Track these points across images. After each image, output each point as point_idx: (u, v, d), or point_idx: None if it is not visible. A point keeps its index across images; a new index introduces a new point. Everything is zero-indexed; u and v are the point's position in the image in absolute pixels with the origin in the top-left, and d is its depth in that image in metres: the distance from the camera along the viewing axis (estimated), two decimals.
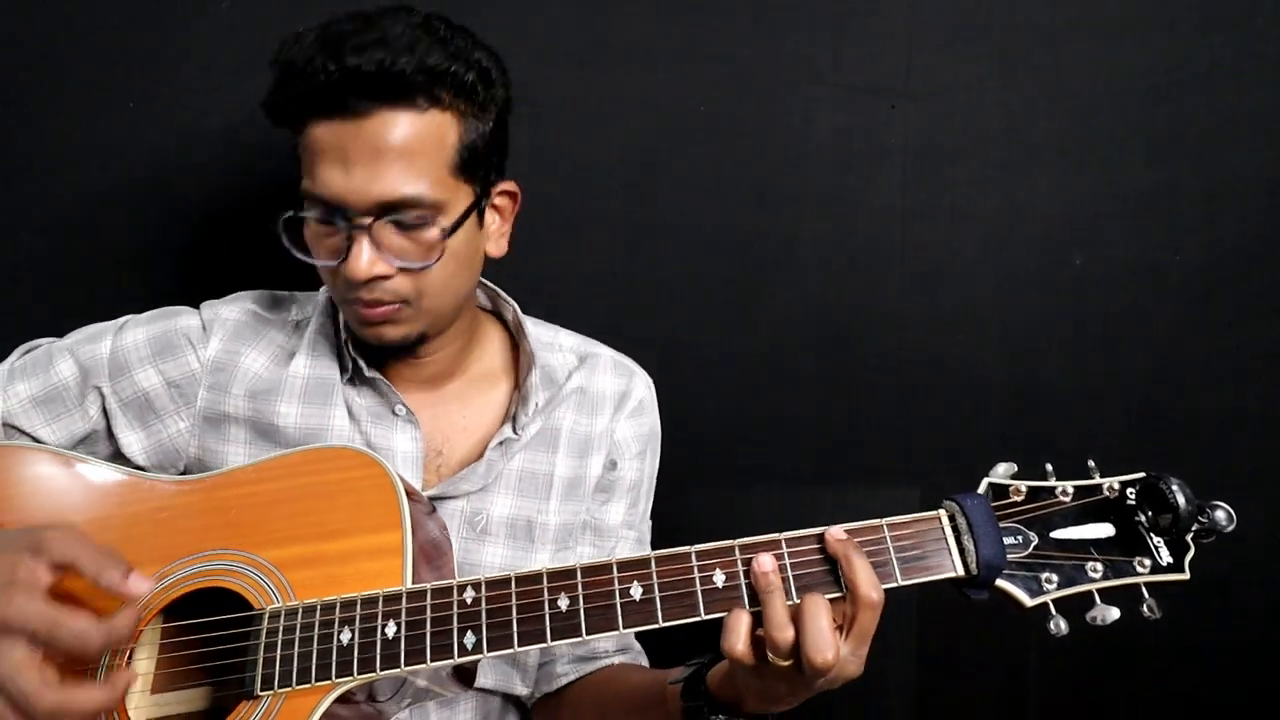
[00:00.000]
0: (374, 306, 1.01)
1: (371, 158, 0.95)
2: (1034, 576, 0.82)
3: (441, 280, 1.03)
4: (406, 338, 1.05)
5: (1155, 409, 1.50)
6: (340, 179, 0.95)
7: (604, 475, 1.19)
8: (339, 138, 0.95)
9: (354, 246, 0.97)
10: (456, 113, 0.99)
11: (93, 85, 1.36)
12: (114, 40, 1.36)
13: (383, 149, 0.95)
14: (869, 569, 0.81)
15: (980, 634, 1.50)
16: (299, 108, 0.96)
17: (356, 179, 0.95)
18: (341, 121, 0.94)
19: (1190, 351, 1.49)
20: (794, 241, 1.47)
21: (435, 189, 0.98)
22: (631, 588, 0.84)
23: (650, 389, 1.25)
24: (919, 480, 1.51)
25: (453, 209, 1.01)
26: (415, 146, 0.96)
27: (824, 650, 0.77)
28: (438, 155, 0.98)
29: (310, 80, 0.93)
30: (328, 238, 1.00)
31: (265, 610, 0.88)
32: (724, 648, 0.81)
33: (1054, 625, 0.81)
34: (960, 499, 0.84)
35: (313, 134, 0.96)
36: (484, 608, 0.84)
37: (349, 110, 0.94)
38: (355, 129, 0.94)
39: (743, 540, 0.85)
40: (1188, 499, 0.81)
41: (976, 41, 1.45)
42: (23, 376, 1.09)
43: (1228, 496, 1.50)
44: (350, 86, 0.93)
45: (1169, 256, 1.48)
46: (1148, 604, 0.81)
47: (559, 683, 1.16)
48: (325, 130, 0.95)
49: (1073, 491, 0.85)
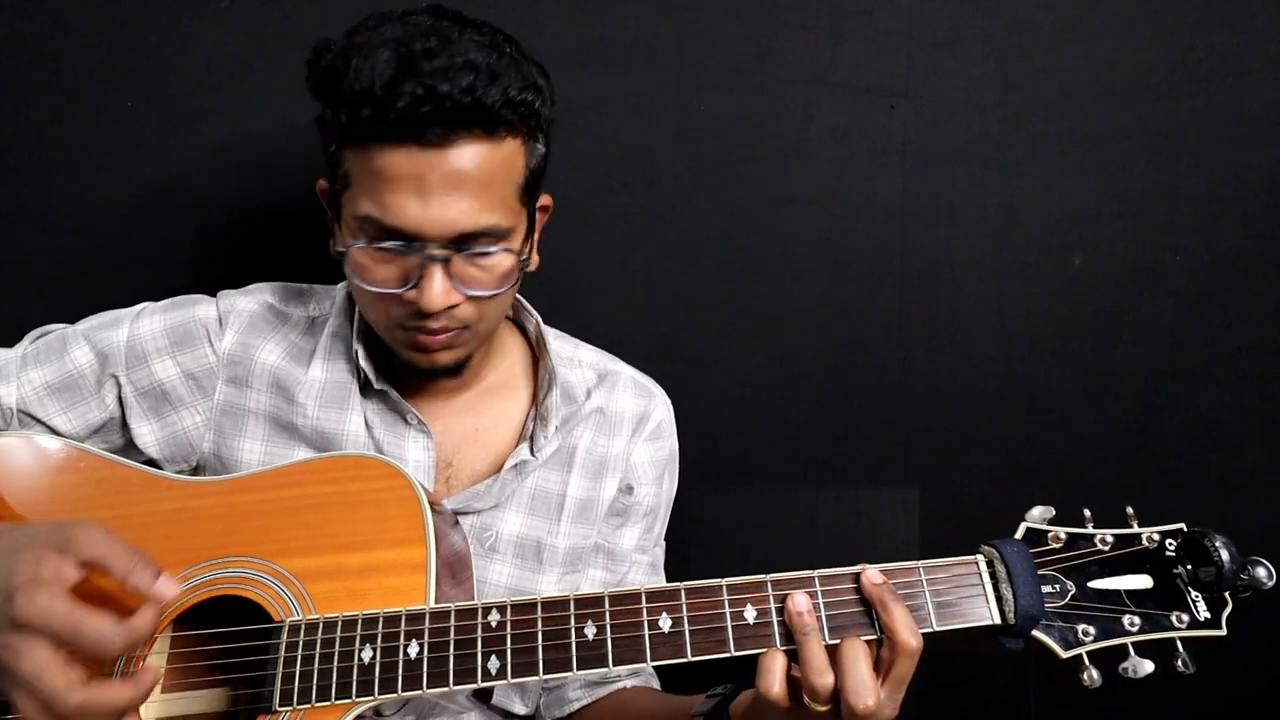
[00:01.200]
0: (437, 334, 0.98)
1: (451, 188, 0.91)
2: (1070, 627, 0.81)
3: (502, 305, 1.02)
4: (458, 361, 1.04)
5: (1154, 409, 1.51)
6: (417, 209, 0.91)
7: (618, 499, 1.16)
8: (416, 166, 0.89)
9: (427, 278, 0.93)
10: (524, 139, 0.96)
11: (92, 85, 1.35)
12: (114, 40, 1.35)
13: (462, 180, 0.91)
14: (908, 616, 0.79)
15: (979, 635, 1.50)
16: (370, 131, 0.89)
17: (434, 209, 0.91)
18: (420, 150, 0.89)
19: (1189, 351, 1.50)
20: (794, 241, 1.47)
21: (507, 217, 0.95)
22: (660, 619, 0.83)
23: (669, 410, 1.22)
24: (919, 480, 1.51)
25: (518, 233, 0.98)
26: (492, 177, 0.93)
27: (865, 697, 0.77)
28: (509, 183, 0.95)
29: (389, 105, 0.87)
30: (388, 264, 0.95)
31: (285, 623, 0.86)
32: (760, 689, 0.80)
33: (1087, 677, 0.80)
34: (1000, 545, 0.83)
35: (381, 159, 0.90)
36: (509, 632, 0.83)
37: (430, 139, 0.89)
38: (435, 159, 0.89)
39: (775, 576, 0.84)
40: (1232, 557, 0.79)
41: (976, 41, 1.45)
42: (36, 363, 1.05)
43: (1226, 496, 1.51)
44: (437, 116, 0.88)
45: (1168, 257, 1.49)
46: (1182, 658, 0.80)
47: (570, 708, 1.14)
48: (400, 157, 0.89)
49: (1112, 541, 0.84)
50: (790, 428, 1.50)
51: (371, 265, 0.95)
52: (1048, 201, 1.47)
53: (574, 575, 1.14)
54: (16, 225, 1.36)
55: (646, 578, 1.19)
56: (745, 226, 1.47)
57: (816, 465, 1.51)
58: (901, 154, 1.46)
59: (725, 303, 1.48)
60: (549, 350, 1.13)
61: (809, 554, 1.51)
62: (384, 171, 0.90)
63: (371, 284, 0.96)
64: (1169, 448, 1.51)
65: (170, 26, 1.35)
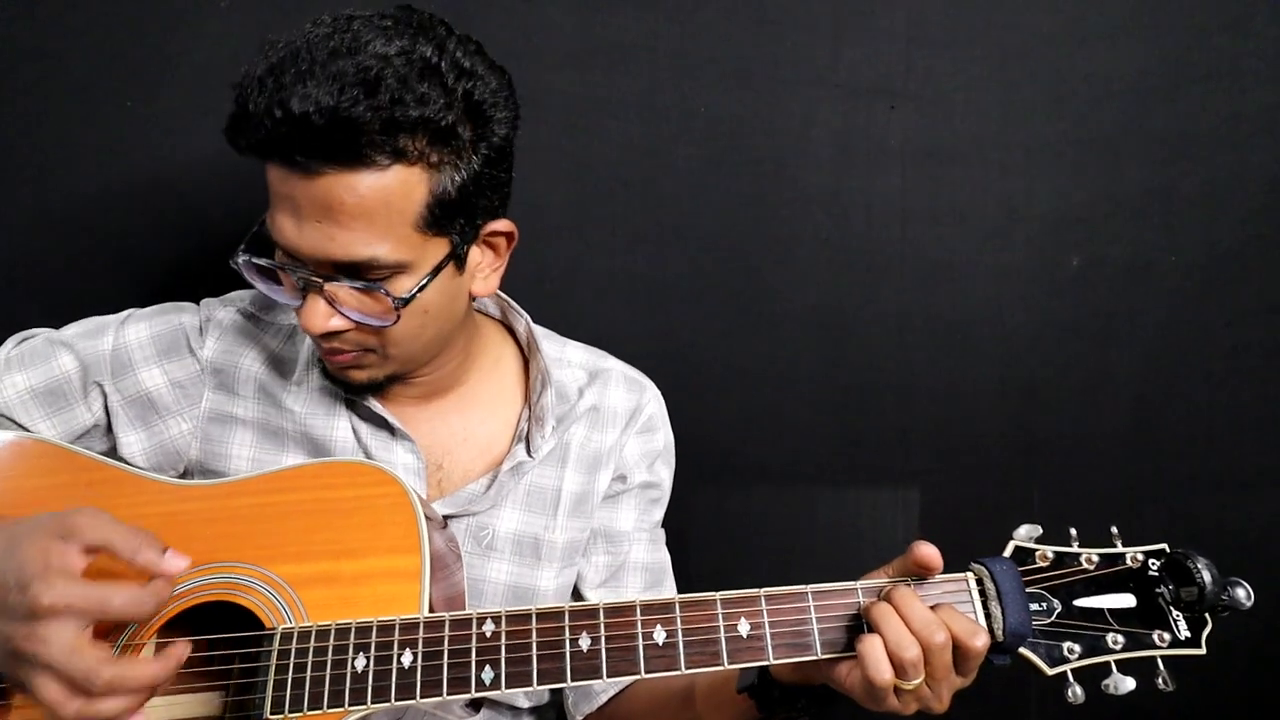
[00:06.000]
0: (335, 354, 0.97)
1: (322, 216, 0.86)
2: (1056, 645, 0.83)
3: (409, 332, 0.96)
4: (373, 379, 1.01)
5: (1152, 408, 1.51)
6: (292, 231, 0.88)
7: (612, 487, 1.17)
8: (289, 188, 0.86)
9: (307, 300, 0.91)
10: (427, 165, 0.88)
11: (91, 85, 1.35)
12: (113, 40, 1.35)
13: (335, 209, 0.85)
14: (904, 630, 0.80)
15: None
16: (249, 147, 0.86)
17: (308, 236, 0.87)
18: (289, 172, 0.85)
19: (1187, 351, 1.50)
20: (794, 241, 1.47)
21: (397, 250, 0.89)
22: (655, 631, 0.83)
23: (660, 402, 1.22)
24: (919, 480, 1.51)
25: (420, 266, 0.92)
26: (373, 208, 0.86)
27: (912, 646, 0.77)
28: (401, 214, 0.88)
29: (256, 126, 0.83)
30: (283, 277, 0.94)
31: (278, 630, 0.86)
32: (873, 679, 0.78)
33: (1071, 693, 0.82)
34: (989, 563, 0.84)
35: (269, 172, 0.88)
36: (503, 642, 0.83)
37: (296, 165, 0.84)
38: (305, 185, 0.85)
39: (768, 590, 0.84)
40: (1214, 578, 0.81)
41: (976, 41, 1.45)
42: (20, 367, 1.04)
43: (1225, 496, 1.51)
44: (296, 143, 0.82)
45: (1166, 257, 1.49)
46: (1162, 676, 0.82)
47: (600, 700, 1.14)
48: (276, 175, 0.87)
49: (1097, 560, 0.85)
50: (790, 428, 1.50)
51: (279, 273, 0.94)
52: (1047, 201, 1.47)
53: (573, 568, 1.15)
54: (16, 225, 1.36)
55: (648, 553, 1.19)
56: (745, 226, 1.47)
57: (816, 465, 1.51)
58: (901, 154, 1.46)
59: (725, 302, 1.48)
60: (540, 351, 1.12)
61: (808, 554, 1.51)
62: (270, 185, 0.89)
63: (277, 295, 0.95)
64: (1167, 447, 1.51)
65: (170, 26, 1.35)
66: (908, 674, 0.78)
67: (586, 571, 1.16)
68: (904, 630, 0.78)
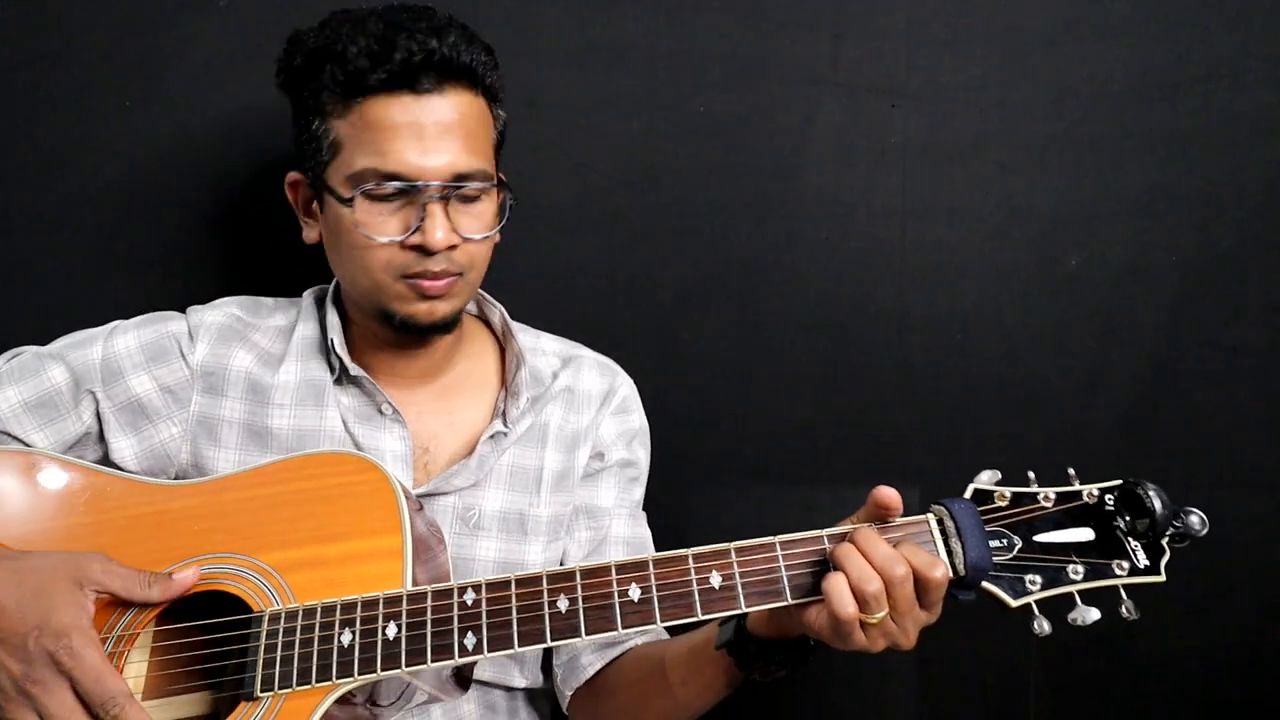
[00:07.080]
0: (439, 279, 1.04)
1: (443, 132, 1.01)
2: (1018, 578, 0.85)
3: (486, 254, 1.10)
4: (454, 311, 1.09)
5: (1152, 408, 1.50)
6: (417, 153, 1.00)
7: (591, 464, 1.21)
8: (412, 114, 1.00)
9: (429, 218, 1.01)
10: (491, 102, 1.09)
11: (90, 84, 1.35)
12: (112, 39, 1.35)
13: (453, 125, 1.02)
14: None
15: (978, 636, 1.50)
16: (368, 84, 0.99)
17: (431, 152, 1.01)
18: (415, 98, 1.00)
19: (1186, 351, 1.50)
20: (794, 241, 1.47)
21: (489, 165, 1.07)
22: (630, 589, 0.85)
23: (633, 388, 1.27)
24: (918, 480, 1.51)
25: (494, 193, 1.08)
26: (475, 125, 1.05)
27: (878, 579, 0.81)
28: (487, 136, 1.08)
29: (387, 57, 0.98)
30: (390, 215, 1.03)
31: (265, 612, 0.88)
32: (837, 613, 0.81)
33: (1037, 625, 0.84)
34: (948, 503, 0.87)
35: (377, 111, 1.00)
36: (484, 609, 0.85)
37: (423, 88, 1.00)
38: (429, 105, 1.01)
39: (738, 544, 0.87)
40: (1164, 504, 0.84)
41: (976, 41, 1.46)
42: (11, 381, 1.08)
43: (1224, 496, 1.51)
44: (430, 66, 1.00)
45: (1165, 257, 1.49)
46: (1126, 605, 0.84)
47: (587, 673, 1.16)
48: (397, 107, 1.00)
49: (1054, 498, 0.88)
50: (790, 427, 1.50)
51: (372, 219, 1.02)
52: (1046, 201, 1.48)
53: (559, 543, 1.18)
54: (15, 225, 1.36)
55: (628, 528, 1.23)
56: (745, 226, 1.47)
57: (816, 465, 1.51)
58: (901, 154, 1.47)
59: (725, 302, 1.48)
60: (515, 338, 1.18)
61: None
62: (382, 122, 1.00)
63: (377, 234, 1.02)
64: (1165, 447, 1.51)
65: (169, 26, 1.35)
66: (870, 607, 0.81)
67: (570, 548, 1.20)
68: (866, 566, 0.82)
